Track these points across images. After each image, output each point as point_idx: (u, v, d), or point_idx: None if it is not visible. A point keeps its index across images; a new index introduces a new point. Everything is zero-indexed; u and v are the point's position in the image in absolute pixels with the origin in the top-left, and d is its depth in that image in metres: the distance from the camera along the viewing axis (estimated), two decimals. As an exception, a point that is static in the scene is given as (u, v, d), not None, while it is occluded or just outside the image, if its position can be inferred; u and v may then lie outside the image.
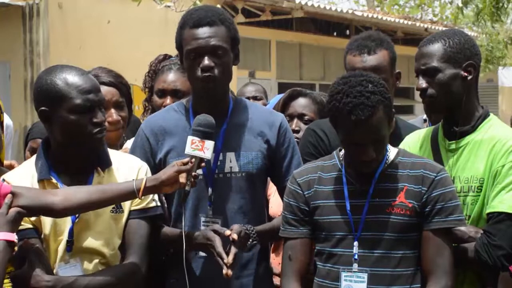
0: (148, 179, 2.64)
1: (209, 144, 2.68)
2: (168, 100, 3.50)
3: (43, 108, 2.71)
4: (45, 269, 2.59)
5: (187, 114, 2.96)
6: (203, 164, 2.69)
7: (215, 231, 2.75)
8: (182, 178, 2.64)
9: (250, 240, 2.81)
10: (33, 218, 2.66)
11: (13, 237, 2.43)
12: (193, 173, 2.64)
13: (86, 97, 2.66)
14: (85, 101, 2.66)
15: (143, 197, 2.67)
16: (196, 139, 2.68)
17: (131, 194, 2.62)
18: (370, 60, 3.16)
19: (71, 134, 2.70)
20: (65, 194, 2.59)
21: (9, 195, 2.47)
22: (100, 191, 2.61)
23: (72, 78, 2.68)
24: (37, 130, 3.76)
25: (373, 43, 3.20)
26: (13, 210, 2.46)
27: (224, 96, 2.97)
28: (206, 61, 2.82)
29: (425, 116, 4.46)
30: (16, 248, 2.48)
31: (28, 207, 2.50)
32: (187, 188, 2.64)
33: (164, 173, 2.64)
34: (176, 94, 3.49)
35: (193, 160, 2.66)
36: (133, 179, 2.66)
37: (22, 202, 2.49)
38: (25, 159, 3.42)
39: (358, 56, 3.17)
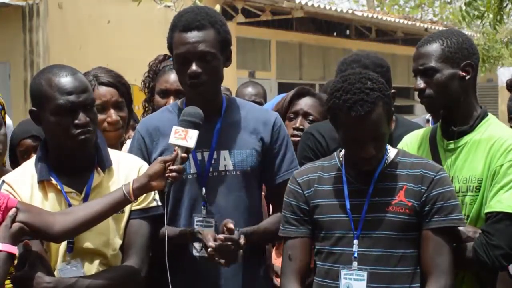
0: (135, 180, 2.63)
1: (193, 133, 2.67)
2: (171, 100, 3.48)
3: (32, 108, 2.72)
4: (46, 270, 2.59)
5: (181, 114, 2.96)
6: (184, 155, 2.65)
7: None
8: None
9: (242, 248, 2.75)
10: None
11: (15, 250, 2.45)
12: (177, 166, 2.62)
13: (67, 98, 2.63)
14: (65, 102, 2.63)
15: (140, 198, 2.69)
16: (180, 128, 2.68)
17: (124, 200, 2.61)
18: None
19: (55, 135, 2.70)
20: (63, 213, 2.60)
21: (13, 209, 2.49)
22: (95, 205, 2.60)
23: (57, 79, 2.66)
24: (17, 132, 3.54)
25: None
26: (16, 225, 2.48)
27: (215, 96, 2.96)
28: (194, 67, 2.81)
29: (427, 116, 4.45)
30: (15, 262, 2.51)
31: (29, 224, 2.51)
32: (169, 180, 2.62)
33: (150, 168, 2.65)
34: (179, 94, 3.44)
35: (177, 148, 2.65)
36: (122, 185, 2.64)
37: (25, 218, 2.50)
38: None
39: None
